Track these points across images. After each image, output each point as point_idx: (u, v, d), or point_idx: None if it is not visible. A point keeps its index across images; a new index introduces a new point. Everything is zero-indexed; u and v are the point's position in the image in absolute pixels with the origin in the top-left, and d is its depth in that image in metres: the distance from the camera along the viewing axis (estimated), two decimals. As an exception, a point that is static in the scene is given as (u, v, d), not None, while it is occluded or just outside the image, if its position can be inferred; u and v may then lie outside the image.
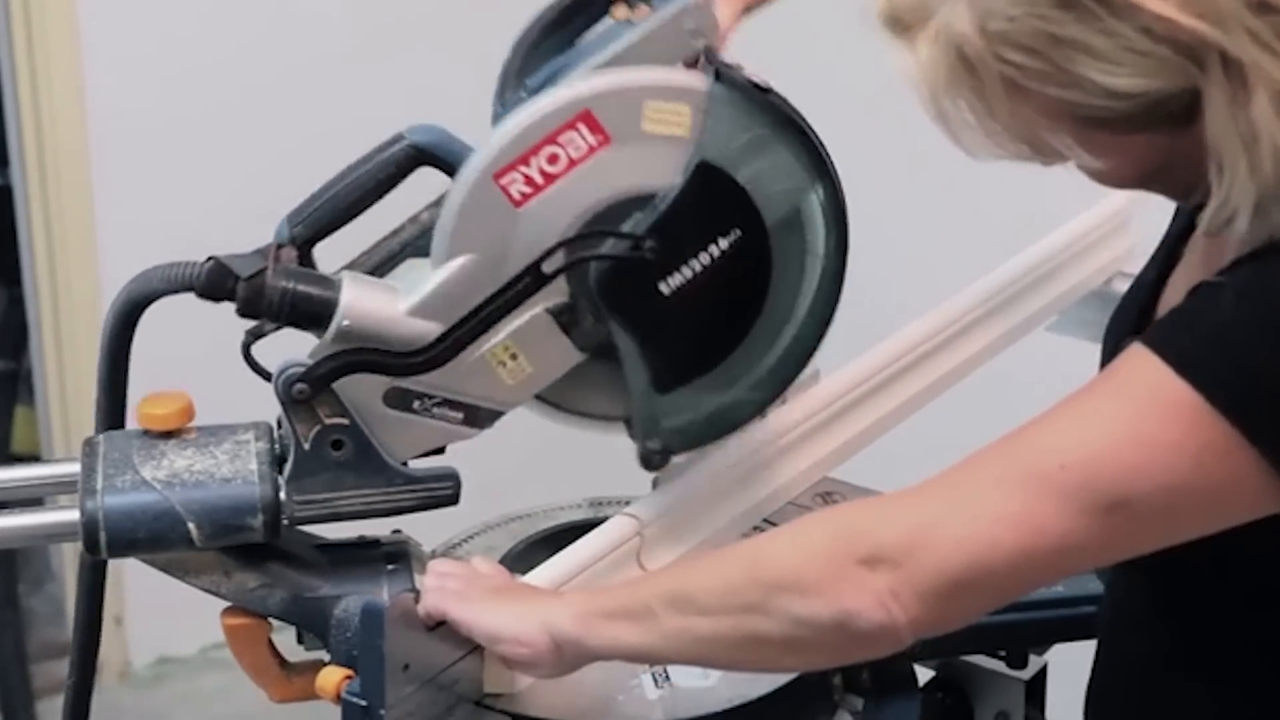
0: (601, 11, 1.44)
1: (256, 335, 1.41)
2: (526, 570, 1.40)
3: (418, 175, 1.43)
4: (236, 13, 3.11)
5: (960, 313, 1.69)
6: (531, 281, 1.36)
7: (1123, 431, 1.14)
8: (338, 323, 1.35)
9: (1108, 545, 1.16)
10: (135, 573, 1.40)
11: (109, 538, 1.33)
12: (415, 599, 1.31)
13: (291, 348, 1.37)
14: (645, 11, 1.40)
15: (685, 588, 1.25)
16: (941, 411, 1.67)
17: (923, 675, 1.53)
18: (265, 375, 1.40)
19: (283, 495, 1.37)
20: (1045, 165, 1.24)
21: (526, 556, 1.52)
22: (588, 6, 1.44)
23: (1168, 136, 1.16)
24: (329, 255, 1.44)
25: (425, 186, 1.43)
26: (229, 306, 1.36)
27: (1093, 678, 1.42)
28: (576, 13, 1.44)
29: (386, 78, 3.11)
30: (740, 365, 1.42)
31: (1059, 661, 1.62)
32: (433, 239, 1.37)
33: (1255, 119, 1.11)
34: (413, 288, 1.37)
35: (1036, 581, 1.18)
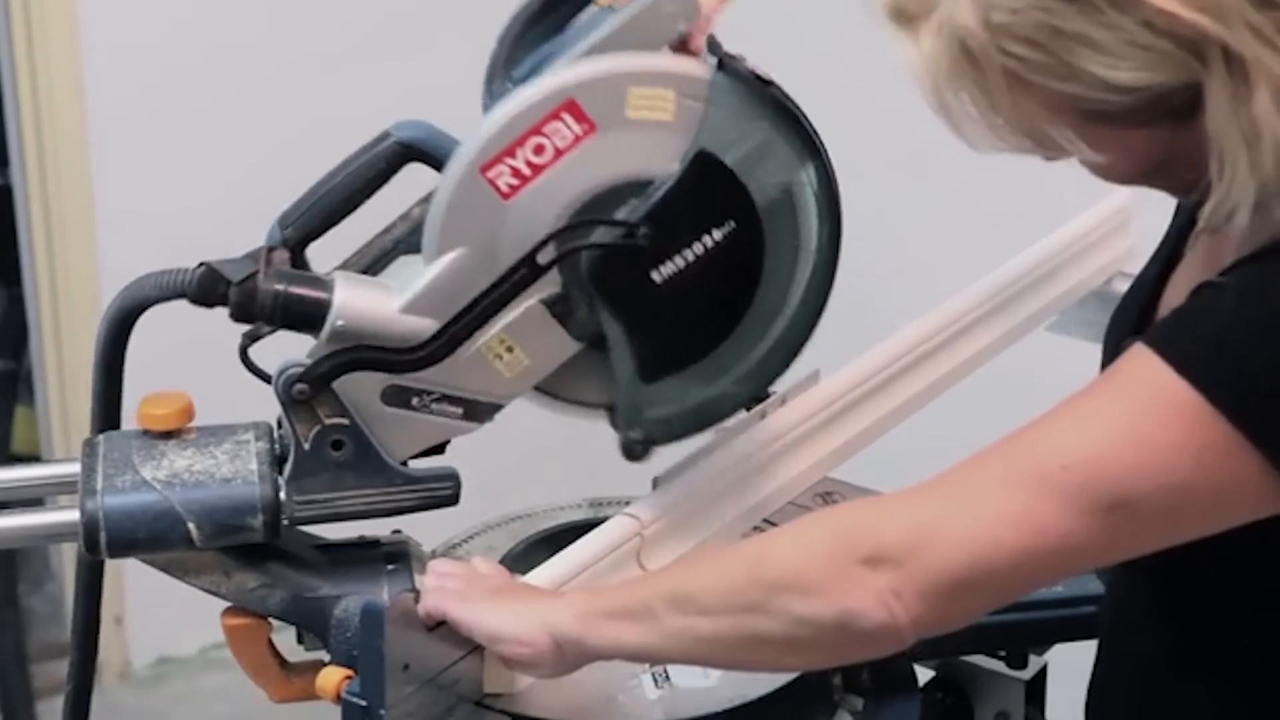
0: (586, -1, 1.43)
1: (253, 338, 1.40)
2: (526, 570, 1.40)
3: (408, 171, 1.42)
4: (236, 12, 3.11)
5: (960, 313, 1.69)
6: (527, 273, 1.36)
7: (1124, 432, 1.14)
8: (332, 323, 1.34)
9: (1109, 545, 1.17)
10: (135, 573, 1.40)
11: (109, 538, 1.33)
12: (415, 599, 1.31)
13: (290, 349, 1.36)
14: None
15: (686, 587, 1.25)
16: (941, 411, 1.67)
17: (923, 675, 1.53)
18: (263, 377, 1.40)
19: (283, 495, 1.36)
20: (1047, 160, 1.24)
21: (526, 556, 1.52)
22: (571, -6, 1.43)
23: (1169, 132, 1.16)
24: (323, 256, 1.44)
25: (416, 182, 1.42)
26: (226, 308, 1.36)
27: (1094, 678, 1.42)
28: (561, 1, 1.42)
29: (386, 73, 3.10)
30: (728, 357, 1.41)
31: (1059, 661, 1.61)
32: (423, 235, 1.36)
33: (1256, 115, 1.11)
34: (406, 285, 1.36)
35: (1038, 581, 1.18)
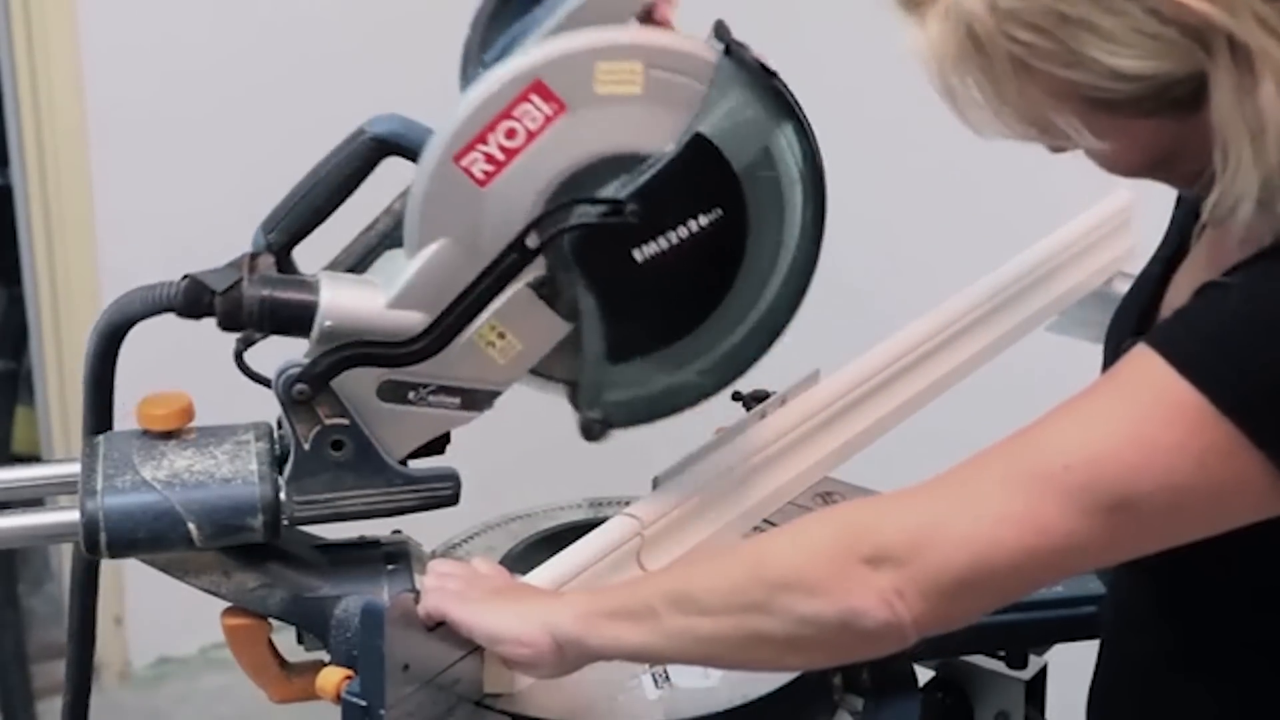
0: (554, -24, 1.40)
1: (247, 343, 1.40)
2: (527, 570, 1.40)
3: (388, 165, 1.42)
4: (236, 12, 3.11)
5: (960, 313, 1.69)
6: (517, 258, 1.35)
7: (1126, 432, 1.13)
8: (320, 324, 1.34)
9: (1111, 546, 1.16)
10: (135, 573, 1.40)
11: (109, 538, 1.33)
12: (415, 599, 1.31)
13: (288, 350, 1.36)
14: None
15: (687, 587, 1.25)
16: (942, 411, 1.67)
17: (923, 675, 1.53)
18: (259, 381, 1.40)
19: (283, 495, 1.36)
20: (1052, 149, 1.24)
21: (526, 557, 1.52)
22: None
23: (1174, 122, 1.16)
24: (314, 257, 1.44)
25: (399, 176, 1.41)
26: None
27: (1096, 678, 1.42)
28: None
29: (387, 74, 3.09)
30: (697, 346, 1.40)
31: (1059, 661, 1.62)
32: (404, 229, 1.36)
33: (1261, 106, 1.11)
34: (391, 280, 1.36)
35: (1040, 581, 1.18)
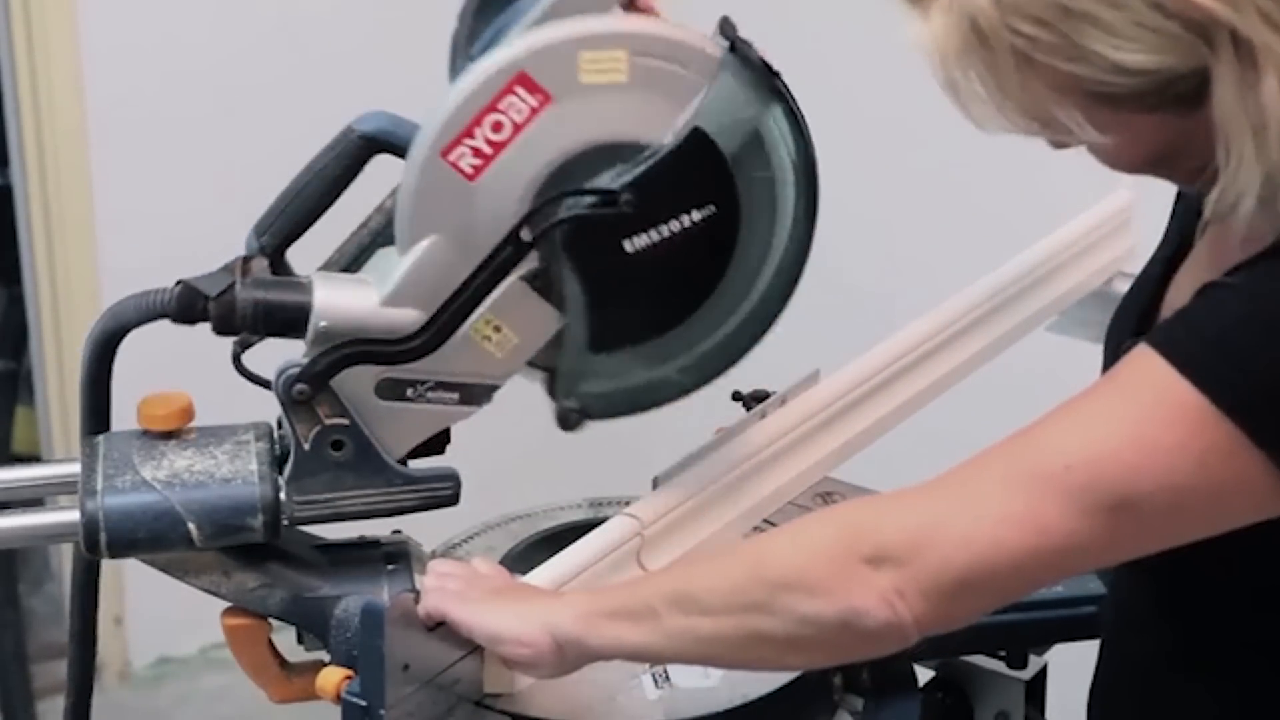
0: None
1: (245, 345, 1.40)
2: (526, 570, 1.40)
3: (379, 162, 1.42)
4: (236, 12, 3.11)
5: (960, 313, 1.68)
6: (512, 251, 1.34)
7: (1127, 433, 1.14)
8: (315, 325, 1.34)
9: (1111, 546, 1.16)
10: (135, 573, 1.40)
11: (109, 538, 1.33)
12: (415, 599, 1.31)
13: (286, 351, 1.36)
14: None
15: (688, 587, 1.25)
16: (942, 411, 1.67)
17: (923, 675, 1.53)
18: (258, 383, 1.40)
19: (283, 495, 1.36)
20: (1054, 145, 1.23)
21: (526, 557, 1.52)
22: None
23: (1177, 118, 1.16)
24: (308, 258, 1.44)
25: (390, 174, 1.40)
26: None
27: (1096, 678, 1.42)
28: None
29: (388, 74, 3.09)
30: (683, 339, 1.40)
31: (1059, 661, 1.62)
32: (395, 226, 1.35)
33: (1264, 101, 1.11)
34: (384, 278, 1.35)
35: (1040, 581, 1.18)
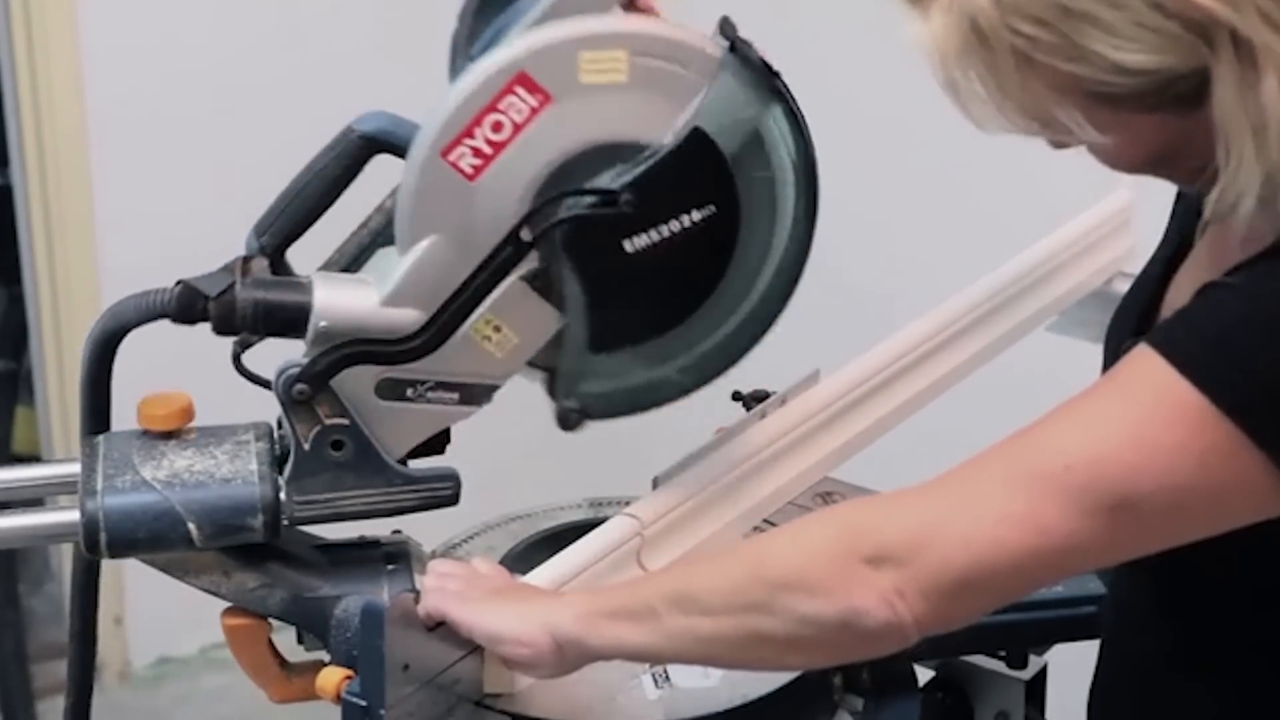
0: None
1: (245, 345, 1.40)
2: (526, 570, 1.40)
3: (379, 162, 1.42)
4: (236, 12, 3.11)
5: (960, 313, 1.68)
6: (512, 251, 1.34)
7: (1127, 433, 1.14)
8: (315, 325, 1.34)
9: (1112, 546, 1.16)
10: (135, 573, 1.40)
11: (109, 538, 1.33)
12: (415, 599, 1.31)
13: (285, 351, 1.36)
14: None
15: (688, 587, 1.25)
16: (942, 411, 1.67)
17: (923, 675, 1.53)
18: (258, 383, 1.40)
19: (283, 495, 1.36)
20: (1054, 145, 1.23)
21: (526, 557, 1.52)
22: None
23: (1177, 118, 1.16)
24: (308, 258, 1.44)
25: (390, 174, 1.40)
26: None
27: (1096, 678, 1.42)
28: None
29: (388, 73, 3.09)
30: (683, 339, 1.40)
31: (1059, 661, 1.62)
32: (395, 226, 1.35)
33: (1264, 101, 1.11)
34: (384, 278, 1.35)
35: (1040, 581, 1.18)
